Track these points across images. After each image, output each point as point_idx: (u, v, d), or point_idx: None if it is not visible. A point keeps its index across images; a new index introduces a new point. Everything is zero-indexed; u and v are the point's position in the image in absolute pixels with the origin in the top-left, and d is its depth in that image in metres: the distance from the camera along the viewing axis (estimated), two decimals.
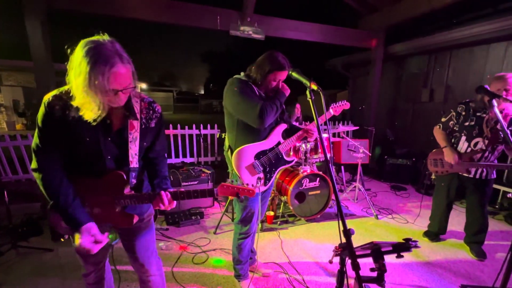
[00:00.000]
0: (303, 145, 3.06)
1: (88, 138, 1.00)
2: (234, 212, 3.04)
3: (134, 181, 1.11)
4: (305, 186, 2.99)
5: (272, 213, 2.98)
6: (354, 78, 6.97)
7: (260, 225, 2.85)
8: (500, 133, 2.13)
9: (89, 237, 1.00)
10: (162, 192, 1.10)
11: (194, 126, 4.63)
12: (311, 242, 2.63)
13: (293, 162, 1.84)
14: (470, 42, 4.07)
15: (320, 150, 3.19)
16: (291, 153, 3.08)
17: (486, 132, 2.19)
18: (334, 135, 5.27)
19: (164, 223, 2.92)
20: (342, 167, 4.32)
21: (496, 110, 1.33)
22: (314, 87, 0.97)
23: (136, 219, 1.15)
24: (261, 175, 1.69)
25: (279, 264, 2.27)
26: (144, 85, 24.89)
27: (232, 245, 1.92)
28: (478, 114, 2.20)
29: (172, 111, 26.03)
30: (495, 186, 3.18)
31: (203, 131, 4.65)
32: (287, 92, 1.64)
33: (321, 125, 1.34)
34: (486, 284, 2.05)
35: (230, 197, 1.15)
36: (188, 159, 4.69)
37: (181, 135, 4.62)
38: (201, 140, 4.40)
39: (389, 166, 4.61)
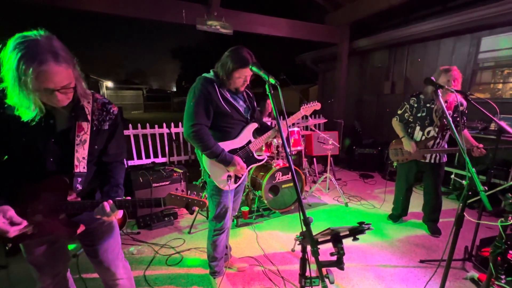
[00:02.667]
0: (275, 140, 3.11)
1: (24, 139, 0.93)
2: (208, 210, 3.01)
3: (79, 186, 1.03)
4: (278, 179, 3.05)
5: (247, 208, 3.00)
6: (323, 73, 7.20)
7: (235, 220, 2.86)
8: (443, 120, 2.36)
9: (2, 219, 0.93)
10: (105, 202, 1.01)
11: (164, 124, 4.47)
12: (285, 233, 2.70)
13: (264, 161, 1.86)
14: (424, 38, 4.41)
15: (291, 144, 3.26)
16: (264, 148, 3.12)
17: (436, 121, 2.40)
18: (305, 128, 5.42)
19: (135, 227, 2.81)
20: (314, 159, 4.48)
21: (440, 99, 1.46)
22: (272, 81, 0.98)
23: (82, 228, 1.09)
24: (232, 173, 1.69)
25: (254, 257, 2.30)
26: (110, 83, 23.33)
27: (207, 243, 1.91)
28: (428, 105, 2.41)
29: (142, 110, 24.86)
30: (448, 169, 3.50)
31: (174, 130, 4.51)
32: (232, 161, 1.60)
33: (290, 125, 1.37)
34: (441, 257, 2.28)
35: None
36: (160, 159, 4.53)
37: (152, 135, 4.44)
38: (173, 139, 4.27)
39: (358, 156, 4.87)
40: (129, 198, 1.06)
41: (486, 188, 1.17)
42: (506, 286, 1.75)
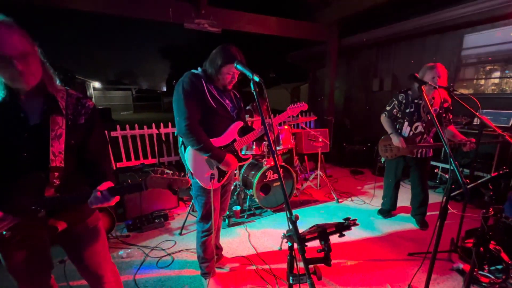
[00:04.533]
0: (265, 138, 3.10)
1: None
2: None
3: (57, 181, 1.00)
4: (270, 178, 3.05)
5: (239, 208, 2.99)
6: (313, 71, 7.25)
7: (227, 220, 2.85)
8: (428, 115, 2.41)
9: None
10: (98, 187, 0.98)
11: (153, 125, 4.40)
12: (277, 232, 2.71)
13: (249, 160, 1.86)
14: (410, 35, 4.50)
15: (281, 142, 3.27)
16: (254, 147, 3.11)
17: (423, 117, 2.45)
18: (296, 126, 5.44)
19: (125, 229, 2.75)
20: (305, 157, 4.50)
21: (425, 96, 1.49)
22: (256, 79, 0.98)
23: (63, 225, 1.06)
24: (215, 171, 1.67)
25: (246, 257, 2.30)
26: (97, 84, 22.77)
27: (196, 244, 1.89)
28: (416, 101, 2.45)
29: (132, 111, 24.40)
30: (433, 163, 3.59)
31: (164, 130, 4.44)
32: (222, 158, 1.59)
33: (276, 124, 1.37)
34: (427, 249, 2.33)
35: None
36: (150, 160, 4.46)
37: (141, 136, 4.36)
38: (163, 140, 4.20)
39: (348, 153, 4.94)
40: (110, 184, 1.02)
41: (468, 181, 1.20)
42: (489, 275, 1.82)
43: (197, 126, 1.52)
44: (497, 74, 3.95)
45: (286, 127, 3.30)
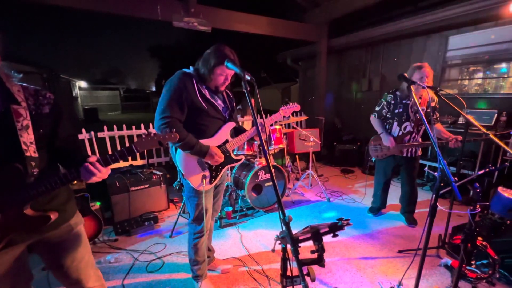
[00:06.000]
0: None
1: None
2: None
3: (35, 170, 0.98)
4: (261, 178, 3.03)
5: (230, 209, 2.96)
6: (303, 71, 7.29)
7: (218, 221, 2.81)
8: (417, 115, 2.46)
9: None
10: (89, 159, 1.00)
11: (142, 125, 4.30)
12: (270, 232, 2.69)
13: (241, 161, 1.83)
14: (397, 36, 4.58)
15: (273, 142, 3.26)
16: (245, 146, 3.08)
17: (412, 117, 2.50)
18: (287, 126, 5.46)
19: (112, 233, 2.67)
20: (297, 156, 4.52)
21: (414, 95, 1.51)
22: (248, 77, 0.96)
23: (55, 215, 1.03)
24: (207, 173, 1.64)
25: (238, 258, 2.27)
26: (83, 84, 22.08)
27: (188, 246, 1.85)
28: (404, 101, 2.50)
29: (119, 111, 23.81)
30: (421, 161, 3.68)
31: (153, 131, 4.34)
32: (208, 151, 1.56)
33: (266, 123, 1.36)
34: (417, 246, 2.38)
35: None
36: (139, 162, 4.35)
37: (129, 136, 4.25)
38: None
39: (338, 152, 4.99)
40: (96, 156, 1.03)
41: (456, 179, 1.22)
42: (476, 270, 1.87)
43: (175, 124, 1.48)
44: (480, 75, 4.09)
45: (277, 127, 3.29)
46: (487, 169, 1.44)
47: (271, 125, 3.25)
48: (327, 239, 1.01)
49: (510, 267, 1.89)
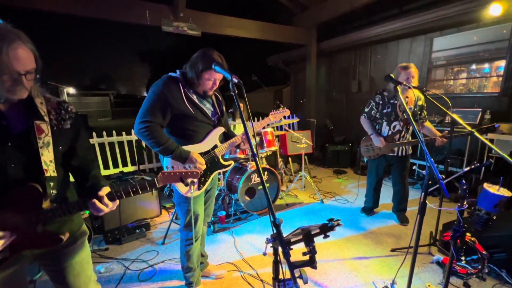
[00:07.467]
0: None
1: None
2: None
3: (53, 192, 0.94)
4: (254, 181, 3.02)
5: (224, 213, 2.93)
6: (294, 73, 7.36)
7: (211, 226, 2.78)
8: (404, 114, 2.51)
9: None
10: (99, 193, 0.97)
11: (133, 131, 4.23)
12: (264, 235, 2.68)
13: (231, 166, 1.82)
14: (384, 39, 4.70)
15: (265, 145, 3.26)
16: (238, 150, 3.07)
17: (400, 116, 2.55)
18: (279, 128, 5.48)
19: (102, 242, 2.60)
20: (290, 158, 4.53)
21: (401, 95, 1.54)
22: (235, 80, 0.95)
23: (67, 236, 0.99)
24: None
25: (232, 263, 2.24)
26: (71, 90, 21.65)
27: (180, 253, 1.82)
28: (392, 101, 2.55)
29: (110, 117, 23.39)
30: (411, 160, 3.74)
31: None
32: (188, 157, 1.54)
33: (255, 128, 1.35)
34: (409, 244, 2.41)
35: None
36: (130, 168, 4.27)
37: (119, 143, 4.17)
38: (143, 146, 4.05)
39: (330, 153, 5.03)
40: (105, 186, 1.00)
41: (444, 177, 1.25)
42: (467, 265, 1.90)
43: (155, 128, 1.46)
44: (464, 75, 4.22)
45: (269, 129, 3.29)
46: (472, 166, 1.48)
47: (263, 128, 3.26)
48: (320, 240, 1.01)
49: (499, 262, 1.93)
